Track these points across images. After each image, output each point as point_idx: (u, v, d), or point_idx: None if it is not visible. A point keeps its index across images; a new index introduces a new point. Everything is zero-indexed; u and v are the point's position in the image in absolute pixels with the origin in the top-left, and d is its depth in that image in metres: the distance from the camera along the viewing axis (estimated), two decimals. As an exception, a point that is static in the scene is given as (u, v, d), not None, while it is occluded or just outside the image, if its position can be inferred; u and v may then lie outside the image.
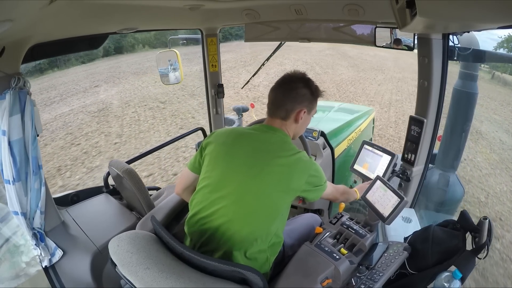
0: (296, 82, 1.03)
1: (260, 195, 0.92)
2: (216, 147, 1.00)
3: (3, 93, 1.02)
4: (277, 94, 1.03)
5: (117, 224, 1.42)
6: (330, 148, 1.85)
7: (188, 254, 0.76)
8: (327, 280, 0.93)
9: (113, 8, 1.07)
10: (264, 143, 0.97)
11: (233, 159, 0.96)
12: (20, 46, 1.03)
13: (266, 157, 0.94)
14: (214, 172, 0.97)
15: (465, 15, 0.65)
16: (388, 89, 8.42)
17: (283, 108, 1.02)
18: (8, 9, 0.61)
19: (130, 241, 0.78)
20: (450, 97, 1.83)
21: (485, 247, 0.86)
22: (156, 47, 14.78)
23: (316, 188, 1.02)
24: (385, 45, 1.31)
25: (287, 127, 1.04)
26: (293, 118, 1.03)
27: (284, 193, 0.94)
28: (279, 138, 1.00)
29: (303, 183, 0.96)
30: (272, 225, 0.95)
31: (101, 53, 12.75)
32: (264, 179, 0.92)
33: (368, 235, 1.04)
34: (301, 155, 0.97)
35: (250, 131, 1.02)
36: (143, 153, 2.02)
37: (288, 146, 0.98)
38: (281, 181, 0.92)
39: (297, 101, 1.02)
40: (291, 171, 0.94)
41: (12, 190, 1.09)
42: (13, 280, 1.19)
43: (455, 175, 1.93)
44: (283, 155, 0.94)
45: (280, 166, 0.93)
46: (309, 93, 1.03)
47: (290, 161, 0.94)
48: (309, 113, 1.07)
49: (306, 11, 1.33)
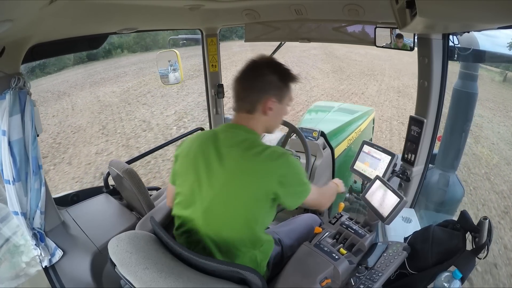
0: (262, 69, 0.90)
1: (229, 205, 0.84)
2: (182, 160, 0.92)
3: (3, 93, 1.02)
4: (240, 84, 0.91)
5: (117, 224, 1.42)
6: (330, 148, 1.85)
7: (187, 255, 0.76)
8: (326, 280, 0.93)
9: (113, 8, 1.07)
10: (226, 147, 0.86)
11: (197, 171, 0.87)
12: (20, 46, 1.03)
13: (228, 163, 0.84)
14: (183, 187, 0.91)
15: (465, 15, 0.65)
16: (385, 126, 5.20)
17: (247, 100, 0.89)
18: (8, 9, 0.61)
19: (130, 241, 0.78)
20: (450, 97, 1.82)
21: (485, 247, 0.86)
22: (136, 51, 13.88)
23: (293, 192, 0.88)
24: (385, 45, 1.31)
25: (255, 122, 0.91)
26: (260, 110, 0.89)
27: (255, 199, 0.84)
28: (241, 137, 0.87)
29: (275, 184, 0.83)
30: (254, 231, 0.88)
31: (71, 61, 11.33)
32: (229, 188, 0.84)
33: (367, 235, 1.04)
34: (269, 152, 0.84)
35: (212, 135, 0.90)
36: (143, 153, 2.03)
37: (252, 144, 0.86)
38: (248, 186, 0.83)
39: (263, 90, 0.88)
40: (257, 171, 0.83)
41: (12, 190, 1.09)
42: (13, 280, 1.19)
43: (455, 175, 1.93)
44: (247, 156, 0.84)
45: (244, 170, 0.83)
46: (277, 79, 0.89)
47: (255, 161, 0.83)
48: (281, 102, 0.92)
49: (306, 11, 1.33)
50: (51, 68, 10.42)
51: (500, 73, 8.16)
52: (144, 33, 12.19)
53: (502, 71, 8.04)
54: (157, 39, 14.13)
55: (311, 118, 2.66)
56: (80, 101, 7.05)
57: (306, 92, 7.26)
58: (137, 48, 14.17)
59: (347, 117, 2.51)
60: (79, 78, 9.45)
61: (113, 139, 4.75)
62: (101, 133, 5.01)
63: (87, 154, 4.30)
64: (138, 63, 11.42)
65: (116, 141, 4.68)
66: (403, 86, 7.76)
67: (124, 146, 4.47)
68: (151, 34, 13.54)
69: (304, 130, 1.81)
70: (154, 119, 5.58)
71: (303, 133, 1.61)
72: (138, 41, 14.11)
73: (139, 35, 13.07)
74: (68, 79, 9.49)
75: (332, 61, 11.17)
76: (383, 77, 8.92)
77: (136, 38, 13.94)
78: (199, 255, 0.75)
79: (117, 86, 8.30)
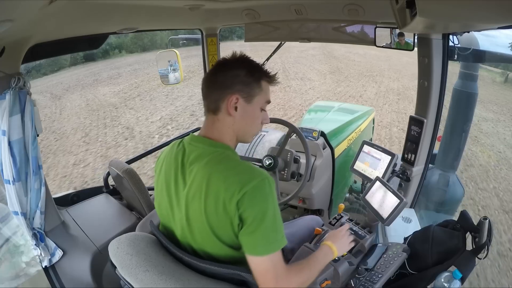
0: (229, 64, 0.80)
1: (197, 231, 0.75)
2: (157, 178, 0.84)
3: (3, 93, 1.02)
4: (205, 82, 0.81)
5: (117, 224, 1.42)
6: (330, 148, 1.85)
7: (188, 260, 0.76)
8: (326, 281, 0.93)
9: (113, 8, 1.07)
10: (189, 164, 0.76)
11: (169, 193, 0.79)
12: (20, 46, 1.03)
13: (189, 183, 0.74)
14: (160, 210, 0.85)
15: (465, 15, 0.65)
16: (384, 133, 4.94)
17: (211, 98, 0.79)
18: (8, 9, 0.61)
19: (130, 243, 0.78)
20: (450, 97, 1.83)
21: (485, 247, 0.86)
22: (134, 51, 13.79)
23: (253, 227, 0.69)
24: (385, 45, 1.31)
25: (221, 125, 0.79)
26: (224, 110, 0.78)
27: (217, 224, 0.71)
28: (202, 151, 0.76)
29: (233, 205, 0.68)
30: (239, 252, 0.75)
31: (67, 62, 11.09)
32: (190, 211, 0.74)
33: (367, 236, 1.04)
34: (239, 169, 0.72)
35: (181, 150, 0.80)
36: (143, 153, 2.03)
37: (215, 159, 0.74)
38: (207, 210, 0.71)
39: (224, 85, 0.77)
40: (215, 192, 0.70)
41: (12, 190, 1.09)
42: (13, 280, 1.19)
43: (455, 175, 1.93)
44: (205, 173, 0.72)
45: (201, 190, 0.71)
46: (243, 74, 0.77)
47: (215, 180, 0.70)
48: (250, 102, 0.79)
49: (306, 11, 1.33)
50: (47, 69, 10.25)
51: (501, 74, 7.93)
52: (142, 33, 12.10)
53: (504, 72, 7.79)
54: (155, 39, 14.04)
55: (311, 118, 2.66)
56: (69, 105, 6.93)
57: (300, 95, 6.91)
58: (135, 48, 14.02)
59: (347, 117, 2.51)
60: (73, 80, 9.29)
61: (93, 148, 4.61)
62: (83, 141, 4.86)
63: (65, 165, 4.17)
64: (134, 64, 11.26)
65: (96, 150, 4.53)
66: (403, 88, 7.41)
67: (102, 156, 4.31)
68: (149, 34, 13.48)
69: (304, 130, 1.81)
70: (138, 126, 5.44)
71: (303, 133, 1.61)
72: (135, 41, 13.95)
73: (137, 35, 12.93)
74: (63, 80, 9.36)
75: (330, 62, 10.83)
76: (382, 78, 8.60)
77: (133, 39, 13.76)
78: (200, 259, 0.74)
79: (108, 88, 8.19)
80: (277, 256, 0.71)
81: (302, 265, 0.80)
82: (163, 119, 5.71)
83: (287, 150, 1.52)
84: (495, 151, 4.32)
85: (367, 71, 9.43)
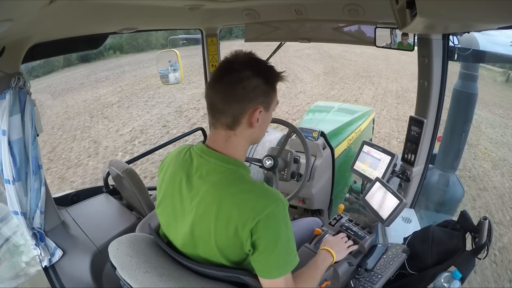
0: (241, 70, 0.70)
1: (206, 251, 0.73)
2: (160, 183, 0.81)
3: (3, 93, 1.02)
4: (217, 94, 0.72)
5: (117, 224, 1.42)
6: (330, 148, 1.85)
7: (187, 264, 0.76)
8: (326, 282, 0.93)
9: (113, 8, 1.07)
10: (197, 178, 0.73)
11: (173, 203, 0.77)
12: (20, 46, 1.03)
13: (197, 198, 0.71)
14: (162, 217, 0.82)
15: (465, 15, 0.65)
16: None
17: (228, 113, 0.71)
18: (8, 9, 0.61)
19: (130, 244, 0.78)
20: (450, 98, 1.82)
21: (485, 247, 0.86)
22: (128, 52, 13.32)
23: (266, 254, 0.67)
24: (385, 45, 1.31)
25: (237, 140, 0.74)
26: (245, 123, 0.72)
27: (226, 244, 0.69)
28: (213, 167, 0.72)
29: (247, 232, 0.66)
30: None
31: (60, 63, 10.51)
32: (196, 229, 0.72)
33: (367, 237, 1.04)
34: (252, 193, 0.68)
35: (188, 160, 0.76)
36: (143, 153, 2.03)
37: (226, 179, 0.70)
38: (217, 230, 0.68)
39: (247, 99, 0.71)
40: (228, 213, 0.67)
41: (12, 190, 1.09)
42: (13, 280, 1.19)
43: (455, 176, 1.93)
44: (216, 193, 0.69)
45: (211, 210, 0.69)
46: (262, 83, 0.72)
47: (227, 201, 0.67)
48: (268, 110, 0.76)
49: (306, 11, 1.33)
50: (39, 71, 9.66)
51: (503, 73, 7.58)
52: (137, 34, 11.66)
53: (505, 71, 7.42)
54: (150, 39, 13.83)
55: (311, 118, 2.67)
56: (48, 112, 6.31)
57: (289, 100, 6.14)
58: (129, 49, 13.60)
59: (347, 117, 2.51)
60: (62, 83, 8.76)
61: (54, 167, 4.05)
62: (47, 158, 4.28)
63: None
64: (125, 65, 10.74)
65: (56, 170, 3.98)
66: (402, 90, 6.91)
67: (60, 178, 3.78)
68: (143, 34, 13.23)
69: (304, 130, 1.81)
70: (106, 140, 4.89)
71: (303, 133, 1.61)
72: (130, 41, 13.54)
73: (132, 35, 12.59)
74: (52, 83, 8.79)
75: (325, 61, 10.17)
76: (379, 79, 8.02)
77: (128, 39, 13.31)
78: (199, 264, 0.74)
79: (91, 93, 7.62)
80: (289, 275, 0.71)
81: (304, 275, 0.80)
82: (133, 131, 5.17)
83: (287, 150, 1.52)
84: (508, 167, 3.75)
85: (363, 71, 8.92)
